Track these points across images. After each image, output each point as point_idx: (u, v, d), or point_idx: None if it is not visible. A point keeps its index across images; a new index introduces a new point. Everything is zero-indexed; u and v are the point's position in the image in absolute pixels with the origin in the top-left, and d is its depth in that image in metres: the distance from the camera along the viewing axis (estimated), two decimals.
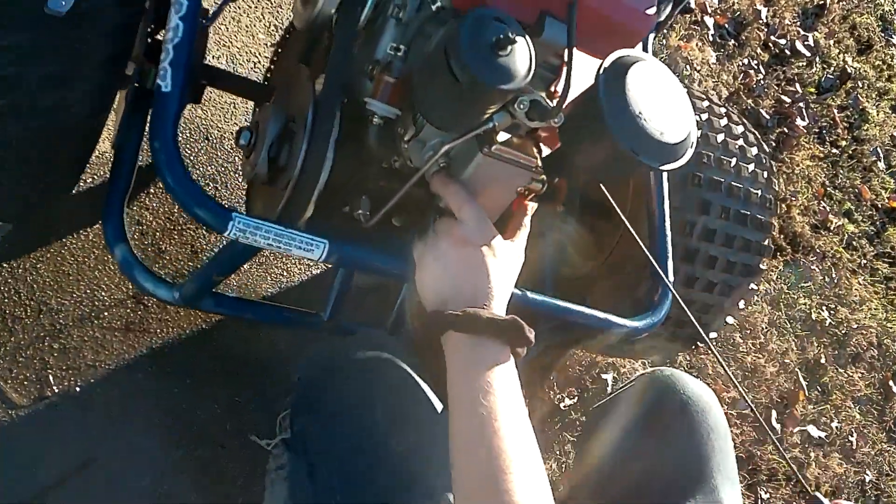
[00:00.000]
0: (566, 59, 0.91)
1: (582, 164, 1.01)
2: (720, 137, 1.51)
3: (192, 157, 1.49)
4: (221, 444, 1.31)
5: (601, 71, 0.95)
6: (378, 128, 1.01)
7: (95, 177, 1.37)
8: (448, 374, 0.87)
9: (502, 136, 0.95)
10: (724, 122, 1.56)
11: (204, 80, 1.23)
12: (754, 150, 1.56)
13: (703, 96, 1.62)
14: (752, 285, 1.55)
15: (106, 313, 1.31)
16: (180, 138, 1.47)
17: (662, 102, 0.96)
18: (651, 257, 1.20)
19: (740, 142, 1.54)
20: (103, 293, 1.32)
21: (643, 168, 0.98)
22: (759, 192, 1.50)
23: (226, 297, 1.14)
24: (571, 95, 0.91)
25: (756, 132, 1.65)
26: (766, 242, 1.51)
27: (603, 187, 1.21)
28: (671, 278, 1.27)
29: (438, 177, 0.97)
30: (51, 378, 1.23)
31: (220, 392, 1.35)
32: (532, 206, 1.05)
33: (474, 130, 0.92)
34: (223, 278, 1.05)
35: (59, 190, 1.10)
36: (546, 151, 1.05)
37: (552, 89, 1.04)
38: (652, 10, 1.01)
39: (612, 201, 1.20)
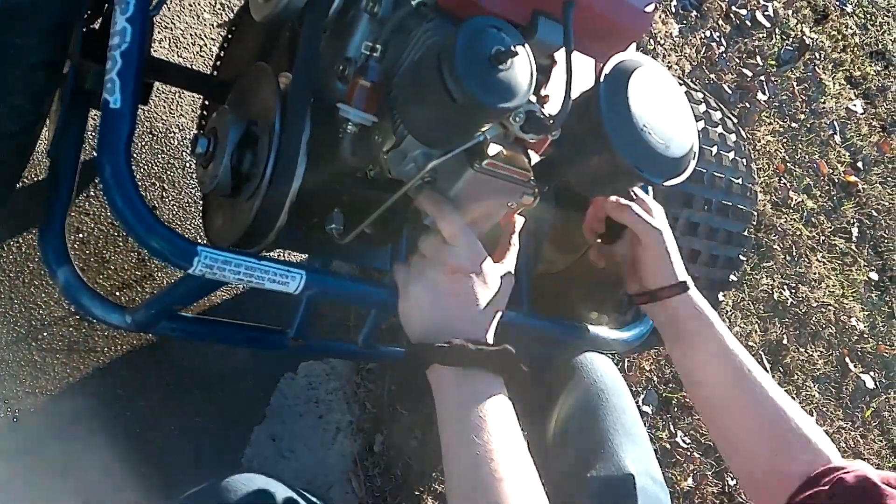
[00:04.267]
0: (566, 66, 0.83)
1: (578, 178, 0.93)
2: (700, 125, 1.44)
3: (135, 155, 1.36)
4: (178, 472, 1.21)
5: (601, 79, 0.87)
6: (352, 135, 0.91)
7: (25, 179, 1.22)
8: (437, 409, 0.81)
9: (493, 149, 0.86)
10: (702, 108, 1.49)
11: (150, 78, 1.10)
12: (733, 137, 1.50)
13: (681, 81, 1.55)
14: (733, 276, 1.51)
15: (45, 333, 1.18)
16: None
17: (665, 112, 0.89)
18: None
19: (720, 129, 1.48)
20: (41, 311, 1.19)
21: (646, 183, 0.91)
22: (740, 181, 1.44)
23: (183, 319, 1.03)
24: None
25: (732, 117, 1.59)
26: (746, 233, 1.46)
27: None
28: None
29: (426, 194, 0.88)
30: None
31: (175, 414, 1.24)
32: (520, 221, 0.97)
33: (464, 145, 0.82)
34: (182, 308, 0.94)
35: None
36: (535, 159, 0.96)
37: (542, 93, 0.95)
38: (651, 8, 0.92)
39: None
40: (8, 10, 0.77)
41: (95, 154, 0.78)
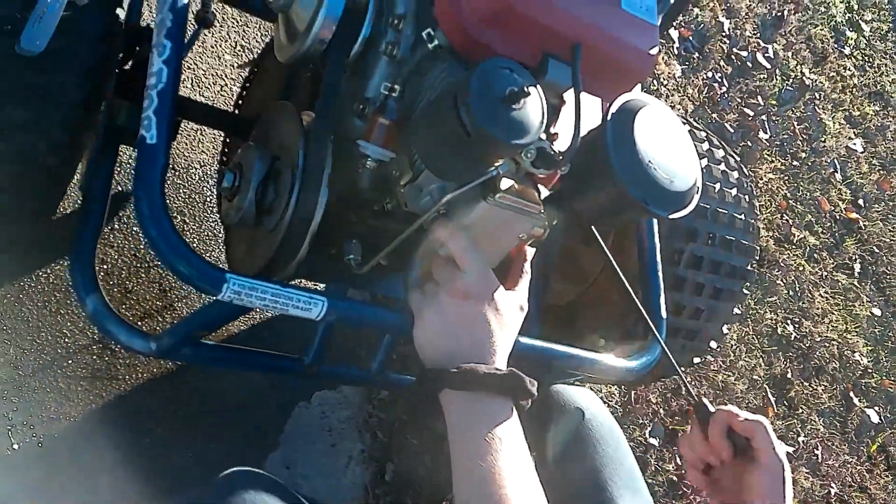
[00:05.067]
0: (574, 105, 0.87)
1: (586, 211, 0.97)
2: (703, 163, 1.49)
3: None
4: None
5: (608, 118, 0.92)
6: (370, 170, 0.96)
7: (54, 215, 1.27)
8: (449, 432, 0.84)
9: (505, 183, 0.91)
10: (705, 146, 1.54)
11: (178, 116, 1.15)
12: (736, 175, 1.55)
13: (685, 120, 1.60)
14: (736, 309, 1.54)
15: (70, 361, 1.22)
16: None
17: (670, 148, 0.94)
18: (640, 303, 1.15)
19: (722, 166, 1.53)
20: (66, 339, 1.23)
21: (652, 217, 0.95)
22: (743, 216, 1.49)
23: (204, 346, 1.07)
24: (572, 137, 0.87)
25: (735, 155, 1.64)
26: (749, 267, 1.50)
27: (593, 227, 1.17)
28: (664, 315, 1.24)
29: (440, 224, 0.92)
30: (10, 434, 1.14)
31: (193, 440, 1.28)
32: (531, 252, 1.01)
33: (478, 179, 0.87)
34: (205, 334, 0.98)
35: (22, 238, 1.01)
36: (544, 192, 1.01)
37: (552, 131, 1.00)
38: (655, 50, 0.98)
39: (600, 239, 1.16)
40: (53, 52, 0.82)
41: (131, 188, 0.82)
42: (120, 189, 1.35)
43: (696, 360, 1.62)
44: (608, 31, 0.90)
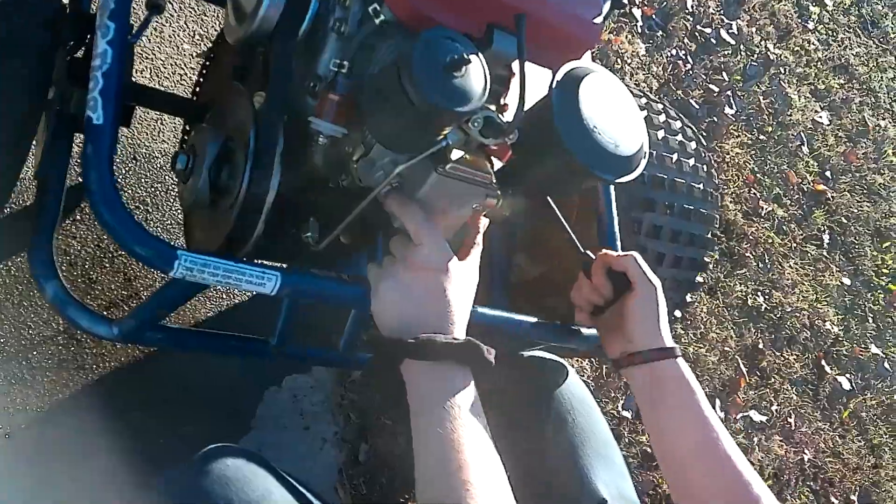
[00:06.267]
0: (519, 73, 0.89)
1: (536, 179, 0.99)
2: (660, 134, 1.51)
3: (119, 179, 1.41)
4: None
5: (553, 86, 0.93)
6: (324, 147, 0.97)
7: (13, 206, 1.27)
8: (409, 401, 0.85)
9: (455, 154, 0.92)
10: (662, 118, 1.56)
11: (132, 102, 1.15)
12: (693, 145, 1.57)
13: (641, 93, 1.62)
14: (698, 278, 1.56)
15: (35, 352, 1.22)
16: None
17: (615, 114, 0.95)
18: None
19: (679, 137, 1.55)
20: (30, 331, 1.23)
21: (598, 181, 0.97)
22: (701, 185, 1.51)
23: (168, 329, 1.08)
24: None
25: (693, 126, 1.66)
26: (709, 235, 1.52)
27: (550, 199, 1.18)
28: None
29: (393, 197, 0.93)
30: None
31: (164, 427, 1.28)
32: (485, 223, 1.03)
33: (428, 150, 0.88)
34: (166, 314, 0.99)
35: None
36: (497, 164, 1.02)
37: (502, 102, 1.01)
38: (599, 19, 0.99)
39: (559, 212, 1.18)
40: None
41: (80, 170, 0.83)
42: (80, 180, 1.35)
43: None
44: (551, 0, 0.92)
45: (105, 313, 1.30)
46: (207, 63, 1.31)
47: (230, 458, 0.88)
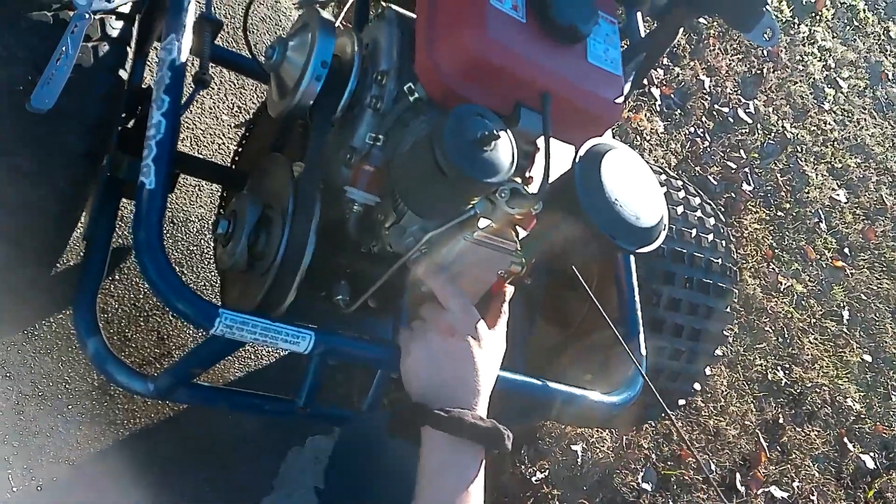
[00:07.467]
0: (544, 148, 0.94)
1: (559, 248, 1.03)
2: (679, 210, 1.56)
3: None
4: None
5: (577, 160, 0.98)
6: (357, 214, 1.02)
7: (56, 266, 1.33)
8: (422, 464, 0.87)
9: (483, 223, 0.97)
10: (681, 194, 1.61)
11: (176, 169, 1.22)
12: (712, 221, 1.61)
13: (660, 169, 1.67)
14: (717, 351, 1.59)
15: (70, 406, 1.26)
16: None
17: (635, 188, 1.00)
18: (620, 336, 1.20)
19: (698, 213, 1.59)
20: (67, 385, 1.27)
21: (619, 251, 1.01)
22: (720, 260, 1.54)
23: (200, 387, 1.11)
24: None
25: (711, 202, 1.71)
26: (728, 309, 1.55)
27: (574, 268, 1.23)
28: (643, 352, 1.29)
29: (423, 264, 0.97)
30: (10, 478, 1.18)
31: (187, 484, 1.31)
32: (510, 290, 1.07)
33: (457, 219, 0.93)
34: (201, 372, 1.03)
35: (26, 286, 1.07)
36: (522, 233, 1.07)
37: (527, 175, 1.07)
38: (620, 99, 1.05)
39: (581, 279, 1.22)
40: (60, 109, 0.89)
41: (131, 230, 0.88)
42: (121, 242, 1.41)
43: (682, 401, 1.66)
44: (574, 81, 0.98)
45: (139, 370, 1.34)
46: (247, 134, 1.38)
47: None
